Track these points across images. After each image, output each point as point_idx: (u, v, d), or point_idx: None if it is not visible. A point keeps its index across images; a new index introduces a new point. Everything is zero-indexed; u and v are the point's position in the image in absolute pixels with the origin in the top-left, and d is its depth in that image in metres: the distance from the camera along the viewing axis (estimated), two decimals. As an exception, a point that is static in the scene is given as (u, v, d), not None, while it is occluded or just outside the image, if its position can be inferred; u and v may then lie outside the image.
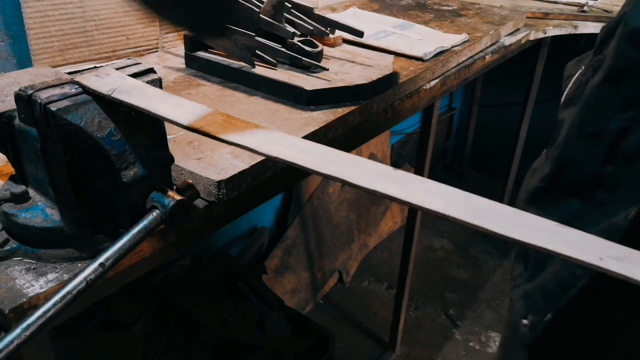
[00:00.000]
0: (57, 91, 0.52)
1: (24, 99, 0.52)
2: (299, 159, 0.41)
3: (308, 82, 0.92)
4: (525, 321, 0.68)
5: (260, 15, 1.00)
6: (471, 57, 1.31)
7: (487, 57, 1.36)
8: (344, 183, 0.39)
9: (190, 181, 0.63)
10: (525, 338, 0.68)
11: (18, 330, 0.44)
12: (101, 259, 0.49)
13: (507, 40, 1.45)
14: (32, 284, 0.55)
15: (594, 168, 0.60)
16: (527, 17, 1.64)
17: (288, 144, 0.43)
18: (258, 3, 1.03)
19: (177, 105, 0.50)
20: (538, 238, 0.33)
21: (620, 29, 0.58)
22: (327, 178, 0.40)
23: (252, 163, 0.71)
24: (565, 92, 0.72)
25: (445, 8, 1.64)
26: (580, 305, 0.62)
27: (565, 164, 0.64)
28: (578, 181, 0.62)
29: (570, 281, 0.61)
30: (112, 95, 0.51)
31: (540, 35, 1.61)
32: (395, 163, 2.56)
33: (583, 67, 0.69)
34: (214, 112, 0.49)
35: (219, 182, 0.67)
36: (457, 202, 0.36)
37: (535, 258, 0.70)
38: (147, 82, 0.56)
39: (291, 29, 1.00)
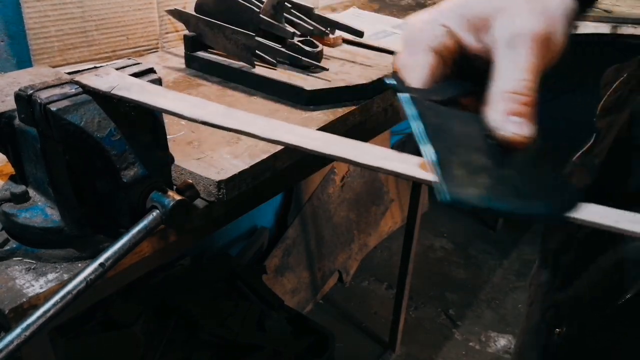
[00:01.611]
0: (57, 91, 0.52)
1: (24, 99, 0.52)
2: (302, 142, 0.41)
3: (308, 82, 0.92)
4: (558, 330, 0.66)
5: (260, 15, 1.00)
6: (471, 57, 1.31)
7: (487, 57, 1.35)
8: (350, 163, 0.39)
9: (190, 181, 0.63)
10: (557, 348, 0.66)
11: (18, 330, 0.44)
12: (101, 259, 0.49)
13: (507, 40, 1.45)
14: (32, 284, 0.55)
15: None
16: (527, 17, 1.64)
17: (288, 130, 0.43)
18: (258, 3, 1.03)
19: (178, 99, 0.50)
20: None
21: None
22: (332, 158, 0.40)
23: (252, 163, 0.71)
24: (604, 100, 0.70)
25: (445, 8, 1.64)
26: (621, 319, 0.60)
27: (608, 175, 0.62)
28: (621, 192, 0.61)
29: (613, 294, 0.59)
30: (111, 92, 0.51)
31: (540, 35, 1.61)
32: (395, 163, 2.56)
33: (625, 76, 0.67)
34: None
35: (219, 182, 0.67)
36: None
37: (568, 266, 0.68)
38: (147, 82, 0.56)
39: (291, 29, 1.00)
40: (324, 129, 0.85)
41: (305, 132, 0.43)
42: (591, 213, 0.35)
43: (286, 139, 0.42)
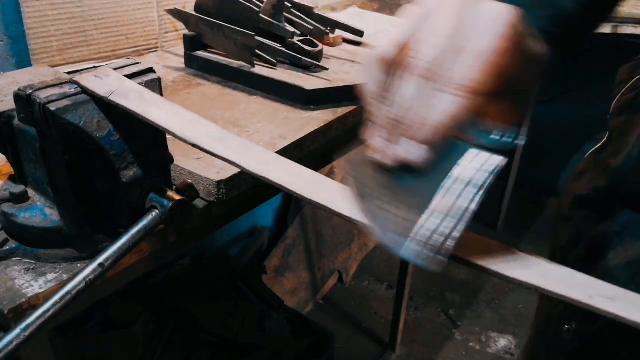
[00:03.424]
0: (57, 91, 0.52)
1: (23, 98, 0.52)
2: (288, 182, 0.40)
3: (308, 82, 0.92)
4: (567, 327, 0.65)
5: (260, 14, 0.99)
6: (471, 56, 1.30)
7: (487, 56, 1.35)
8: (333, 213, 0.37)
9: (190, 181, 0.62)
10: (567, 345, 0.66)
11: (17, 331, 0.44)
12: (100, 259, 0.49)
13: (507, 40, 1.45)
14: (31, 284, 0.55)
15: None
16: (527, 17, 1.64)
17: (280, 166, 0.43)
18: (258, 2, 1.03)
19: (174, 113, 0.50)
20: (527, 276, 0.33)
21: None
22: (317, 206, 0.38)
23: (252, 163, 0.71)
24: (617, 98, 0.69)
25: (445, 8, 1.64)
26: None
27: (624, 177, 0.62)
28: (636, 195, 0.60)
29: None
30: (109, 98, 0.51)
31: (541, 35, 1.60)
32: (395, 163, 2.56)
33: None
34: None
35: (219, 182, 0.67)
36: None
37: (576, 263, 0.67)
38: (147, 82, 0.55)
39: (291, 29, 1.00)
40: (324, 128, 0.84)
41: (297, 170, 0.42)
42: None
43: (274, 177, 0.41)
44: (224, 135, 0.47)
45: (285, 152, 0.76)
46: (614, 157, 0.63)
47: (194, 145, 0.46)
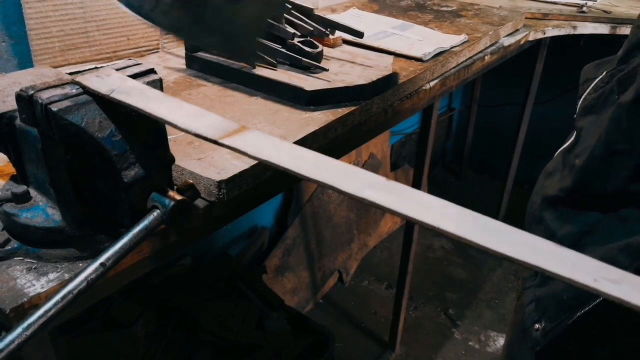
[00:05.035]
0: (58, 91, 0.52)
1: (25, 99, 0.53)
2: (292, 164, 0.41)
3: (308, 83, 0.92)
4: (537, 326, 0.66)
5: (260, 15, 1.00)
6: (470, 57, 1.31)
7: (486, 57, 1.36)
8: (336, 190, 0.38)
9: (191, 181, 0.63)
10: (536, 343, 0.67)
11: (19, 330, 0.44)
12: (102, 259, 0.49)
13: (507, 41, 1.46)
14: (33, 284, 0.55)
15: (620, 184, 0.58)
16: (526, 18, 1.64)
17: (283, 149, 0.43)
18: (258, 3, 1.03)
19: (176, 107, 0.50)
20: (531, 256, 0.33)
21: None
22: (320, 185, 0.39)
23: (253, 163, 0.71)
24: (583, 97, 0.69)
25: (445, 9, 1.64)
26: (598, 317, 0.60)
27: (588, 177, 0.62)
28: (601, 195, 0.60)
29: (589, 295, 0.58)
30: (111, 96, 0.51)
31: (540, 35, 1.61)
32: (395, 163, 2.57)
33: (605, 73, 0.66)
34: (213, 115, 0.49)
35: (220, 182, 0.67)
36: (449, 216, 0.36)
37: None
38: (148, 83, 0.56)
39: (291, 30, 1.01)
40: (324, 129, 0.85)
41: (302, 153, 0.42)
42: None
43: (278, 161, 0.41)
44: (227, 125, 0.47)
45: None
46: (579, 157, 0.63)
47: (197, 135, 0.46)
